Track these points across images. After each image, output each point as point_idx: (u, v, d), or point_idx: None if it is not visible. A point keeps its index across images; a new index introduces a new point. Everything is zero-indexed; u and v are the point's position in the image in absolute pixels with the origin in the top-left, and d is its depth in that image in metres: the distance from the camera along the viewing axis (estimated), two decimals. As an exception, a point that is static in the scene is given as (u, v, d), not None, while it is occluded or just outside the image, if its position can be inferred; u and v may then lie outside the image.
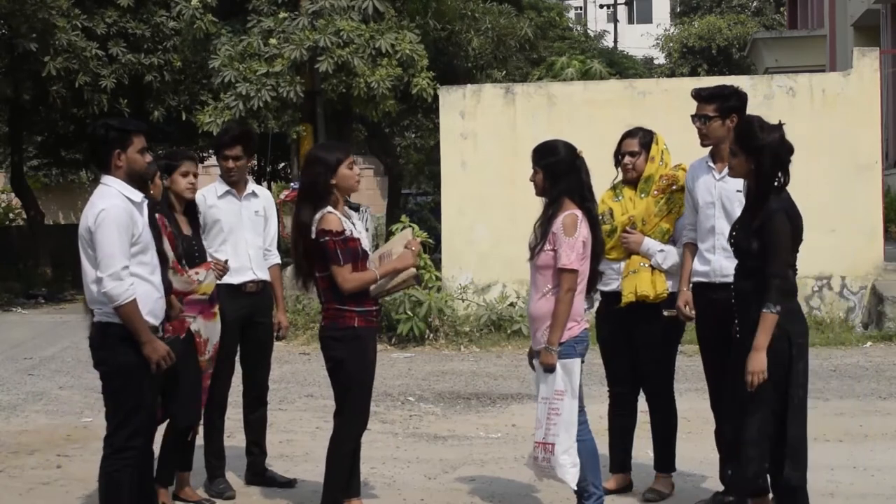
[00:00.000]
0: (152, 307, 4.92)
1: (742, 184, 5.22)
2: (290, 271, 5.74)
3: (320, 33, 13.55)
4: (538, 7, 27.19)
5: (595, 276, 5.43)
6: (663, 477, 6.09)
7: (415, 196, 26.93)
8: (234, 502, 6.17)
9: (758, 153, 4.87)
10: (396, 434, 7.81)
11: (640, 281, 5.85)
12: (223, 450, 6.33)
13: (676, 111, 5.94)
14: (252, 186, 6.54)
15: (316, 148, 6.05)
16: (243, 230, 6.38)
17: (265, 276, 6.43)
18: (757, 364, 4.79)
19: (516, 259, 6.24)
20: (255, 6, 14.52)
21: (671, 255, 5.88)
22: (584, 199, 5.31)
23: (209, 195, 6.34)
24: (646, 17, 55.24)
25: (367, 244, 5.51)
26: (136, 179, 4.98)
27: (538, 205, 5.39)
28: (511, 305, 12.34)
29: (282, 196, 14.29)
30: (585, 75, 19.84)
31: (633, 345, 5.97)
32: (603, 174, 5.98)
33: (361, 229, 5.50)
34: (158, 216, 5.52)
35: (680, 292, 5.76)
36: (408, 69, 13.88)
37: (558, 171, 5.28)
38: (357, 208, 13.48)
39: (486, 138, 12.91)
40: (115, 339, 4.83)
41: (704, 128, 5.69)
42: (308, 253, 5.36)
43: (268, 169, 24.07)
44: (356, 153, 5.71)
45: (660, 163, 5.98)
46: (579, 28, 38.93)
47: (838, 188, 12.25)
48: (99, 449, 5.07)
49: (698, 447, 6.70)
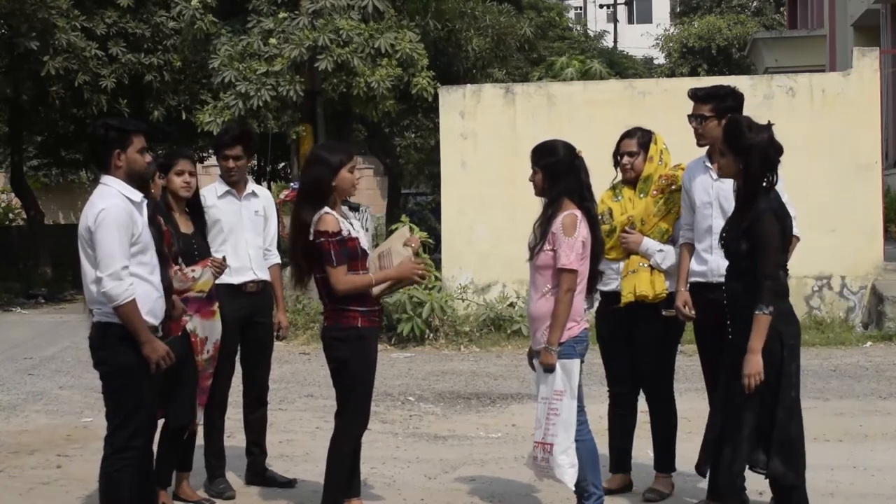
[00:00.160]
0: (152, 307, 4.92)
1: None
2: (290, 271, 5.73)
3: (320, 32, 13.55)
4: (538, 7, 27.20)
5: (595, 277, 5.43)
6: (663, 477, 6.08)
7: (415, 196, 26.93)
8: (234, 502, 6.17)
9: (746, 153, 4.87)
10: (396, 434, 7.81)
11: (639, 281, 5.85)
12: (223, 450, 6.33)
13: (676, 111, 5.94)
14: (252, 186, 6.53)
15: (319, 147, 6.03)
16: (243, 230, 6.37)
17: (265, 276, 6.43)
18: (753, 366, 4.79)
19: (516, 259, 6.24)
20: (255, 6, 14.51)
21: (670, 255, 5.88)
22: (584, 199, 5.30)
23: (209, 195, 6.34)
24: (646, 17, 55.22)
25: (366, 243, 5.50)
26: (136, 179, 4.97)
27: (538, 205, 5.39)
28: (511, 305, 12.34)
29: (281, 196, 14.28)
30: (585, 75, 19.83)
31: (633, 345, 5.97)
32: (603, 174, 5.98)
33: (359, 228, 5.49)
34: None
35: (678, 292, 5.75)
36: (408, 69, 13.88)
37: (558, 171, 5.28)
38: (357, 208, 13.50)
39: (486, 138, 12.91)
40: (115, 339, 4.83)
41: (701, 128, 5.69)
42: (307, 252, 5.36)
43: (268, 169, 24.06)
44: (356, 153, 5.66)
45: (659, 162, 5.97)
46: (579, 28, 38.94)
47: (838, 188, 12.25)
48: (99, 449, 5.07)
49: (698, 447, 6.66)
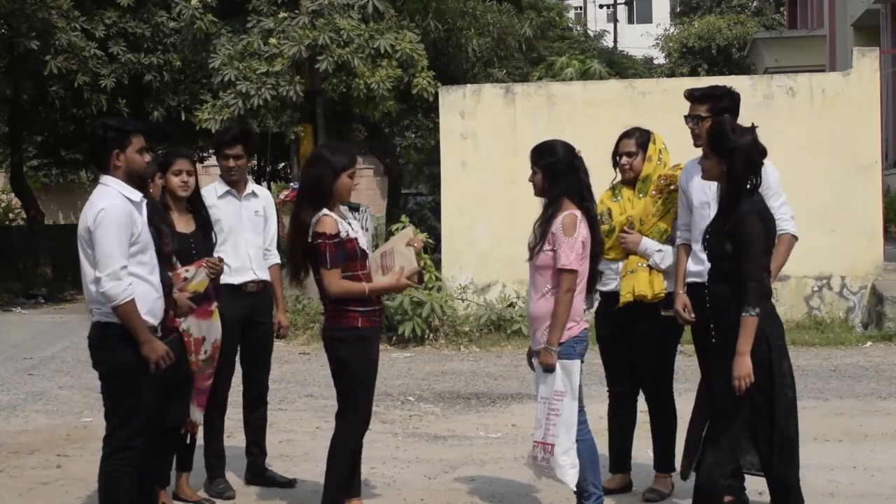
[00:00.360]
0: (151, 307, 4.91)
1: None
2: (286, 269, 5.72)
3: (320, 31, 13.55)
4: (538, 7, 27.17)
5: (595, 277, 5.43)
6: (663, 477, 6.08)
7: (415, 196, 26.93)
8: (234, 502, 6.17)
9: (729, 155, 4.89)
10: (396, 434, 7.81)
11: (638, 281, 5.85)
12: (223, 450, 6.32)
13: (676, 111, 5.94)
14: (252, 186, 6.53)
15: (322, 148, 6.01)
16: (243, 230, 6.37)
17: (265, 276, 6.43)
18: (743, 369, 4.79)
19: (516, 259, 6.23)
20: (255, 6, 14.51)
21: (669, 255, 5.87)
22: (584, 199, 5.30)
23: (209, 195, 6.33)
24: (645, 17, 55.22)
25: (366, 244, 5.50)
26: (135, 179, 4.96)
27: (538, 205, 5.39)
28: (511, 305, 12.34)
29: (281, 196, 14.28)
30: (585, 75, 19.83)
31: (632, 345, 5.97)
32: (603, 174, 5.98)
33: (358, 228, 5.49)
34: None
35: (676, 295, 5.71)
36: (408, 69, 13.88)
37: (557, 172, 5.28)
38: (357, 208, 13.48)
39: (486, 138, 12.91)
40: (114, 339, 4.82)
41: (697, 128, 5.70)
42: (305, 252, 5.35)
43: (267, 169, 24.08)
44: (356, 153, 5.66)
45: (657, 162, 5.97)
46: (579, 28, 38.92)
47: (838, 188, 12.26)
48: (99, 449, 5.06)
49: (698, 447, 6.68)
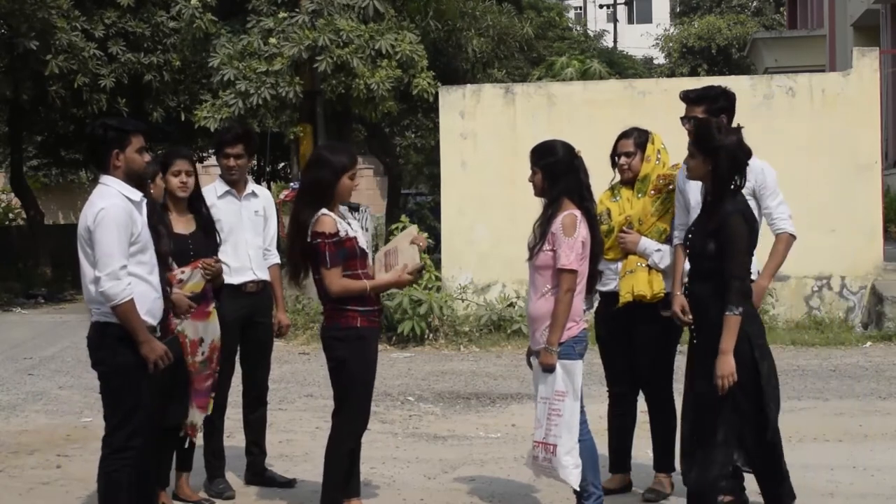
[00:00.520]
0: (150, 307, 4.91)
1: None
2: (286, 269, 5.72)
3: (319, 32, 13.55)
4: (538, 7, 27.18)
5: (595, 277, 5.42)
6: (663, 477, 6.08)
7: (414, 196, 26.92)
8: (234, 502, 6.17)
9: (715, 154, 4.90)
10: (396, 434, 7.81)
11: (637, 281, 5.84)
12: (223, 450, 6.32)
13: (676, 111, 5.93)
14: (252, 186, 6.53)
15: (322, 148, 5.99)
16: (243, 230, 6.37)
17: (265, 277, 6.43)
18: (726, 367, 4.79)
19: (516, 259, 6.23)
20: (255, 6, 14.50)
21: (668, 255, 5.86)
22: (583, 199, 5.30)
23: (209, 195, 6.32)
24: (645, 17, 55.22)
25: (365, 243, 5.50)
26: (135, 179, 4.96)
27: (538, 205, 5.38)
28: (511, 305, 12.34)
29: (281, 196, 14.28)
30: (584, 75, 19.81)
31: (632, 345, 5.97)
32: (603, 174, 5.98)
33: (357, 228, 5.48)
34: None
35: (674, 297, 5.63)
36: (408, 69, 13.87)
37: (557, 172, 5.28)
38: (357, 208, 13.49)
39: (486, 138, 12.90)
40: (113, 339, 4.82)
41: (694, 129, 5.68)
42: (305, 253, 5.35)
43: (267, 169, 24.07)
44: (356, 153, 5.67)
45: (656, 162, 5.97)
46: (579, 28, 38.93)
47: (838, 188, 12.26)
48: (99, 449, 5.06)
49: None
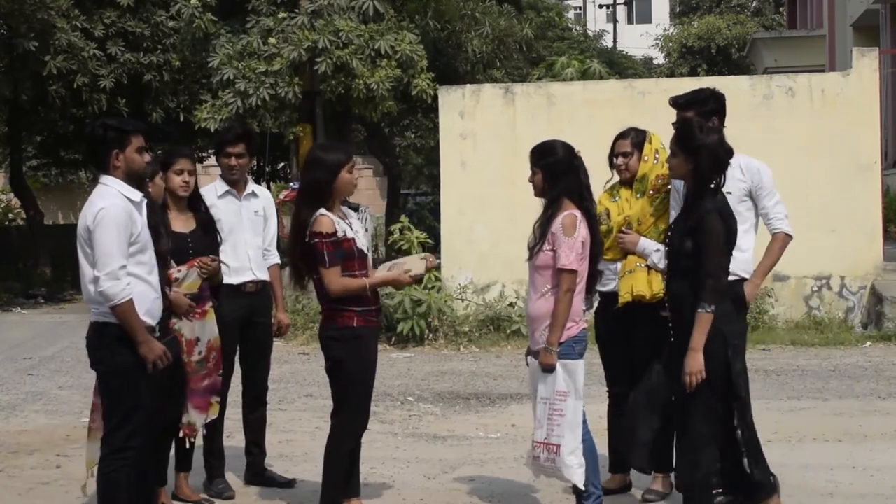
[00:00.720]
0: (149, 307, 4.91)
1: (732, 184, 5.28)
2: (289, 272, 5.73)
3: (319, 34, 13.54)
4: (538, 7, 27.19)
5: (595, 277, 5.42)
6: (662, 477, 6.08)
7: (414, 196, 26.90)
8: (234, 502, 6.16)
9: (696, 153, 4.92)
10: (396, 434, 7.81)
11: (637, 281, 5.84)
12: (222, 450, 6.32)
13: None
14: (252, 186, 6.54)
15: (317, 148, 6.02)
16: (243, 230, 6.37)
17: (264, 277, 6.43)
18: (694, 364, 4.81)
19: (516, 259, 6.23)
20: (255, 6, 14.50)
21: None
22: (584, 199, 5.30)
23: (209, 195, 6.33)
24: (645, 17, 55.24)
25: (365, 244, 5.50)
26: (135, 179, 4.96)
27: (538, 205, 5.38)
28: (510, 305, 12.34)
29: (281, 196, 14.28)
30: (584, 75, 19.81)
31: (632, 345, 5.96)
32: (603, 174, 6.00)
33: (358, 228, 5.49)
34: None
35: None
36: (407, 70, 13.87)
37: (557, 172, 5.28)
38: (356, 208, 13.48)
39: (486, 138, 12.90)
40: (112, 339, 4.81)
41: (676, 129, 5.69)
42: (305, 254, 5.36)
43: (267, 169, 24.07)
44: (355, 153, 5.70)
45: (654, 162, 5.97)
46: (578, 28, 38.94)
47: (838, 188, 12.26)
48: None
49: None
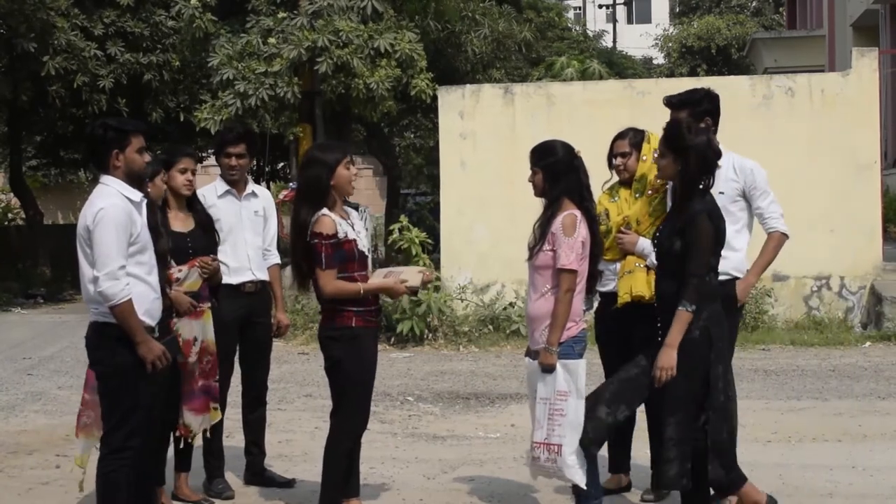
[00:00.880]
0: (148, 307, 4.90)
1: (725, 185, 5.31)
2: (290, 271, 5.75)
3: (319, 33, 13.54)
4: (537, 7, 27.17)
5: (595, 277, 5.42)
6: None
7: (414, 196, 26.88)
8: (233, 502, 6.17)
9: (685, 154, 4.93)
10: (395, 434, 7.81)
11: (636, 281, 5.84)
12: (222, 449, 6.31)
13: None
14: (252, 186, 6.54)
15: (314, 148, 6.04)
16: (243, 230, 6.38)
17: (264, 277, 6.43)
18: (668, 360, 4.84)
19: (515, 259, 6.24)
20: (255, 6, 14.50)
21: (666, 256, 5.87)
22: (584, 199, 5.30)
23: (209, 194, 6.34)
24: (645, 17, 55.26)
25: (366, 244, 5.51)
26: (135, 179, 4.96)
27: (538, 205, 5.38)
28: (510, 305, 12.34)
29: (280, 196, 14.27)
30: (583, 75, 19.81)
31: (631, 345, 5.96)
32: (602, 174, 6.01)
33: (360, 229, 5.50)
34: None
35: None
36: (407, 69, 13.87)
37: (557, 172, 5.27)
38: (356, 208, 13.47)
39: (486, 138, 12.90)
40: (112, 340, 4.81)
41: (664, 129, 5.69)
42: (307, 254, 5.36)
43: (266, 169, 24.05)
44: (355, 153, 5.72)
45: (653, 162, 5.97)
46: (578, 28, 38.92)
47: (837, 188, 12.27)
48: (97, 449, 5.06)
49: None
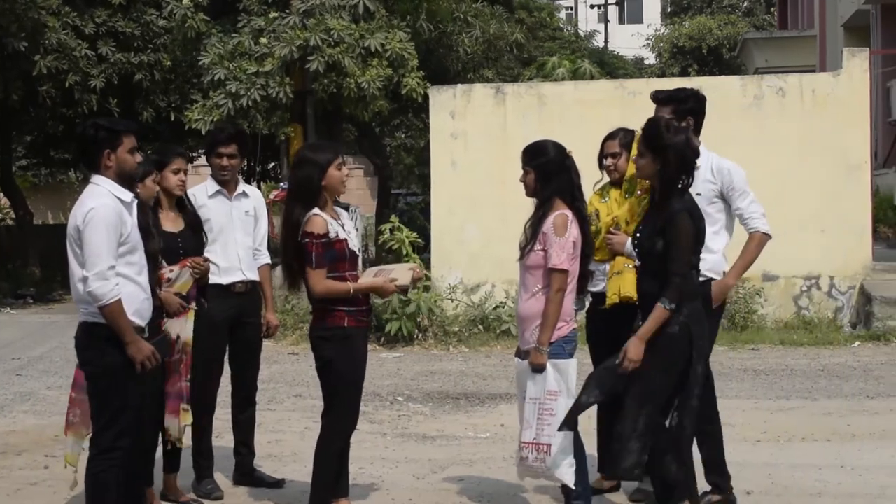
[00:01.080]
0: (138, 307, 4.90)
1: (702, 186, 5.32)
2: (280, 271, 5.74)
3: (311, 32, 13.54)
4: (529, 7, 27.17)
5: (586, 277, 5.43)
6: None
7: (405, 196, 26.88)
8: (222, 503, 6.16)
9: (663, 153, 4.95)
10: (385, 434, 7.81)
11: (625, 282, 5.83)
12: (211, 450, 6.31)
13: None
14: (243, 186, 6.53)
15: (305, 148, 6.03)
16: (233, 230, 6.37)
17: (254, 277, 6.42)
18: (636, 353, 4.88)
19: (506, 259, 6.25)
20: (246, 6, 14.49)
21: (656, 256, 5.87)
22: (575, 199, 5.31)
23: (199, 194, 6.33)
24: (636, 18, 55.31)
25: (356, 244, 5.51)
26: (126, 179, 4.95)
27: (529, 205, 5.39)
28: (500, 305, 12.33)
29: (271, 196, 14.26)
30: (575, 75, 19.82)
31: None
32: (594, 174, 6.01)
33: (350, 229, 5.50)
34: None
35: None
36: (398, 69, 13.87)
37: (549, 172, 5.28)
38: (346, 208, 13.46)
39: (477, 138, 12.90)
40: (101, 340, 4.80)
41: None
42: (298, 254, 5.36)
43: (257, 169, 24.01)
44: (346, 153, 5.71)
45: (631, 161, 5.98)
46: (570, 28, 38.93)
47: (828, 188, 12.29)
48: (86, 449, 5.05)
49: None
